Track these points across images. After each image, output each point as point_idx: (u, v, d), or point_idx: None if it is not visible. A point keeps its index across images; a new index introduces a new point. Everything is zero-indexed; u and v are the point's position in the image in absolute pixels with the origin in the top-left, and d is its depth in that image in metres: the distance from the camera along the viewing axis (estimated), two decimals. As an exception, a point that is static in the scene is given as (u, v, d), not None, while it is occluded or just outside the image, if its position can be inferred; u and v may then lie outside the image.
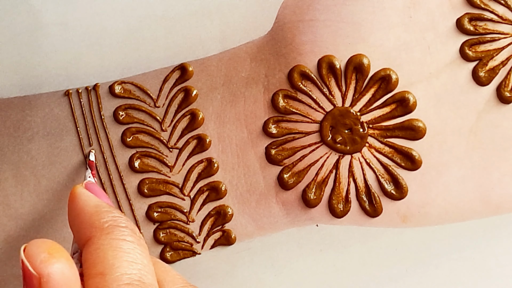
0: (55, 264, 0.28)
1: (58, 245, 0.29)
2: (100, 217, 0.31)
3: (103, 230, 0.30)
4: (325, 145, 0.39)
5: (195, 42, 0.40)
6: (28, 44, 0.39)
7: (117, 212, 0.32)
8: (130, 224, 0.31)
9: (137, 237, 0.31)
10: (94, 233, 0.30)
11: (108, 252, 0.30)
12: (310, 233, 0.42)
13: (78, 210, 0.32)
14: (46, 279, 0.28)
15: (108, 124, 0.39)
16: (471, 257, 0.43)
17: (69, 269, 0.29)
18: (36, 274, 0.28)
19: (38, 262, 0.28)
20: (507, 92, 0.38)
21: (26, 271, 0.28)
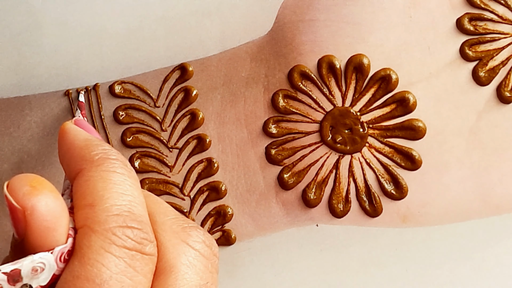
0: (38, 196, 0.28)
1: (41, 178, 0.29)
2: (90, 150, 0.30)
3: (93, 162, 0.30)
4: (325, 145, 0.39)
5: (195, 42, 0.40)
6: (28, 44, 0.39)
7: (107, 145, 0.31)
8: (121, 156, 0.31)
9: (128, 169, 0.30)
10: (84, 165, 0.30)
11: (97, 183, 0.29)
12: (310, 233, 0.42)
13: (68, 145, 0.31)
14: (30, 212, 0.28)
15: (108, 124, 0.39)
16: (471, 257, 0.43)
17: (54, 200, 0.28)
18: (20, 207, 0.28)
19: (21, 196, 0.28)
20: (507, 92, 0.38)
21: (11, 205, 0.28)
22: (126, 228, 0.28)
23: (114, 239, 0.28)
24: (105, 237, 0.28)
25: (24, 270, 0.27)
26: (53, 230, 0.28)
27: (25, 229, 0.28)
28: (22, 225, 0.28)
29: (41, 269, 0.28)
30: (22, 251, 0.29)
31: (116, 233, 0.28)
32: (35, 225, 0.28)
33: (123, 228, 0.28)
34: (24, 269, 0.27)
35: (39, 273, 0.28)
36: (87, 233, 0.28)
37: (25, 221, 0.28)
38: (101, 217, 0.28)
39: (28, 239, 0.28)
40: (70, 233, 0.29)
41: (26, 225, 0.28)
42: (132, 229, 0.28)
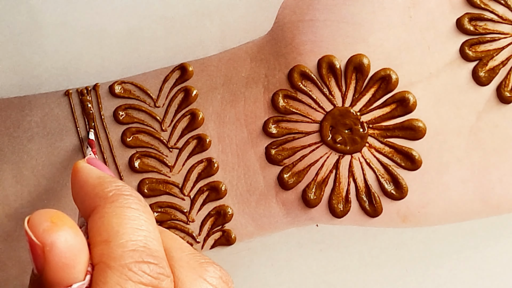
0: (58, 232, 0.28)
1: (61, 213, 0.29)
2: (104, 187, 0.31)
3: (108, 199, 0.30)
4: (325, 145, 0.39)
5: (195, 42, 0.40)
6: (28, 44, 0.39)
7: (120, 182, 0.31)
8: (135, 192, 0.31)
9: (142, 204, 0.30)
10: (98, 202, 0.30)
11: (112, 219, 0.29)
12: (310, 233, 0.42)
13: (81, 183, 0.31)
14: (49, 248, 0.28)
15: (108, 124, 0.39)
16: (471, 257, 0.43)
17: (73, 236, 0.28)
18: (39, 243, 0.28)
19: (41, 231, 0.28)
20: (507, 92, 0.38)
21: (31, 241, 0.28)
22: (142, 263, 0.28)
23: (130, 275, 0.28)
24: (121, 273, 0.28)
25: None
26: (72, 267, 0.28)
27: (43, 265, 0.28)
28: (41, 261, 0.28)
29: None
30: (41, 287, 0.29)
31: (132, 268, 0.28)
32: (53, 262, 0.28)
33: (139, 264, 0.28)
34: None
35: None
36: (103, 270, 0.28)
37: (44, 257, 0.28)
38: (117, 253, 0.28)
39: (47, 276, 0.28)
40: (88, 270, 0.29)
41: (45, 261, 0.28)
42: (149, 264, 0.28)
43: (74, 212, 0.38)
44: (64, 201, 0.38)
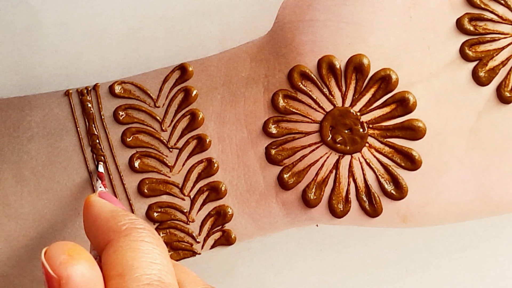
0: (75, 266, 0.28)
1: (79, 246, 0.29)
2: (117, 221, 0.31)
3: (121, 233, 0.30)
4: (325, 145, 0.39)
5: (195, 42, 0.40)
6: (28, 44, 0.39)
7: (133, 215, 0.31)
8: (147, 225, 0.31)
9: (156, 238, 0.31)
10: (112, 236, 0.30)
11: (126, 253, 0.29)
12: (310, 233, 0.42)
13: (94, 217, 0.32)
14: (65, 281, 0.28)
15: (108, 124, 0.39)
16: (471, 257, 0.43)
17: (90, 270, 0.29)
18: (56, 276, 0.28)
19: (58, 264, 0.28)
20: (507, 92, 0.38)
21: (47, 273, 0.28)
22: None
23: None
24: None
25: None
26: None
27: None
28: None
29: None
30: None
31: None
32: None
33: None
34: None
35: None
36: None
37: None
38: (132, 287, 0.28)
39: None
40: None
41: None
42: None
43: (74, 213, 0.38)
44: (64, 201, 0.38)
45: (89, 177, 0.39)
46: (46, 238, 0.38)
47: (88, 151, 0.39)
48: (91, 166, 0.39)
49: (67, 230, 0.38)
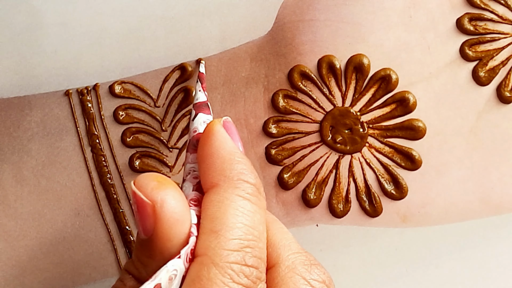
0: (166, 190, 0.29)
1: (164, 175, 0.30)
2: (232, 167, 0.31)
3: (231, 183, 0.30)
4: (325, 145, 0.39)
5: (195, 42, 0.40)
6: (28, 44, 0.39)
7: (248, 164, 0.31)
8: (258, 180, 0.31)
9: (261, 197, 0.31)
10: (222, 182, 0.30)
11: (229, 209, 0.30)
12: (310, 233, 0.42)
13: (212, 150, 0.31)
14: (160, 204, 0.29)
15: (108, 124, 0.39)
16: (471, 257, 0.42)
17: (180, 194, 0.29)
18: (149, 201, 0.29)
19: (150, 190, 0.29)
20: (507, 92, 0.38)
21: (139, 201, 0.29)
22: (245, 266, 0.29)
23: (233, 274, 0.29)
24: (225, 272, 0.28)
25: (163, 282, 0.28)
26: (182, 222, 0.29)
27: (154, 224, 0.29)
28: (151, 220, 0.29)
29: (174, 276, 0.28)
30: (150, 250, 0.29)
31: (235, 269, 0.29)
32: (165, 218, 0.29)
33: (242, 266, 0.29)
34: (163, 281, 0.28)
35: (173, 280, 0.28)
36: (207, 265, 0.29)
37: (155, 215, 0.29)
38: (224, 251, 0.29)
39: (158, 235, 0.29)
40: (192, 231, 0.29)
41: (156, 219, 0.29)
42: (250, 268, 0.29)
43: (74, 213, 0.38)
44: (64, 201, 0.38)
45: (89, 177, 0.39)
46: (46, 238, 0.38)
47: (88, 151, 0.39)
48: (91, 166, 0.39)
49: (67, 230, 0.38)
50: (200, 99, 0.36)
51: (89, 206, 0.39)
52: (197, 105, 0.35)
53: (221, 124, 0.32)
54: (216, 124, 0.32)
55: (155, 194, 0.29)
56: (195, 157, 0.33)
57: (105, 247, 0.39)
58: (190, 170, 0.33)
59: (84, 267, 0.39)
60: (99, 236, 0.39)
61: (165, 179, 0.29)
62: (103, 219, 0.39)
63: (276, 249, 0.31)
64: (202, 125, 0.34)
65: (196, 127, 0.34)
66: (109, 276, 0.39)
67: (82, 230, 0.38)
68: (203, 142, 0.32)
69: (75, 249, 0.38)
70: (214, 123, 0.32)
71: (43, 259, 0.38)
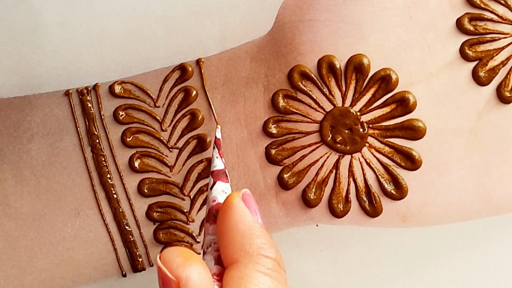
0: (191, 267, 0.29)
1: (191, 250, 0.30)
2: (252, 242, 0.31)
3: (251, 258, 0.31)
4: (325, 145, 0.39)
5: (195, 42, 0.40)
6: (28, 44, 0.39)
7: (268, 238, 0.32)
8: (278, 254, 0.32)
9: (281, 272, 0.31)
10: (242, 258, 0.31)
11: (249, 285, 0.30)
12: (310, 233, 0.42)
13: (231, 224, 0.32)
14: (185, 282, 0.29)
15: (108, 124, 0.39)
16: (471, 257, 0.43)
17: (205, 271, 0.30)
18: (174, 278, 0.29)
19: (175, 266, 0.29)
20: (507, 92, 0.38)
21: (164, 277, 0.29)
22: None
23: None
24: None
25: None
26: None
27: None
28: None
29: None
30: None
31: None
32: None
33: None
34: None
35: None
36: None
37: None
38: None
39: None
40: None
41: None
42: None
43: (74, 213, 0.38)
44: (64, 201, 0.38)
45: (89, 177, 0.39)
46: (46, 238, 0.38)
47: (88, 151, 0.39)
48: (91, 166, 0.39)
49: (67, 230, 0.38)
50: (217, 166, 0.36)
51: (89, 206, 0.39)
52: (215, 173, 0.35)
53: (240, 198, 0.33)
54: (235, 198, 0.32)
55: (181, 271, 0.29)
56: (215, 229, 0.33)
57: (105, 247, 0.39)
58: (211, 242, 0.33)
59: (84, 267, 0.39)
60: (99, 236, 0.39)
61: (192, 255, 0.30)
62: (103, 219, 0.39)
63: None
64: (221, 194, 0.34)
65: (215, 196, 0.34)
66: (109, 276, 0.40)
67: (82, 230, 0.38)
68: (222, 216, 0.32)
69: (75, 249, 0.38)
70: (232, 196, 0.32)
71: (43, 259, 0.38)
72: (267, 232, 0.32)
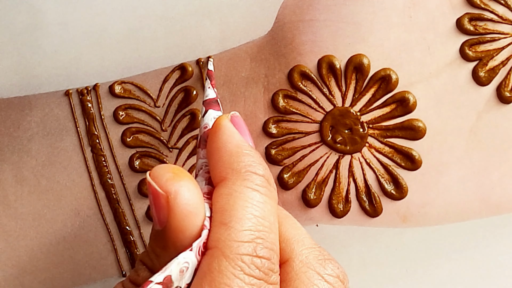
0: (181, 181, 0.29)
1: (180, 167, 0.30)
2: (239, 160, 0.31)
3: (239, 175, 0.30)
4: (325, 145, 0.39)
5: (195, 42, 0.40)
6: (28, 44, 0.39)
7: (256, 156, 0.31)
8: (267, 172, 0.31)
9: (271, 188, 0.31)
10: (230, 175, 0.31)
11: (238, 201, 0.30)
12: (310, 233, 0.41)
13: (219, 144, 0.31)
14: (174, 196, 0.29)
15: (108, 124, 0.39)
16: (471, 257, 0.43)
17: (195, 186, 0.29)
18: (164, 192, 0.29)
19: (164, 181, 0.29)
20: (507, 92, 0.38)
21: (154, 191, 0.29)
22: (256, 257, 0.29)
23: (243, 266, 0.28)
24: (236, 264, 0.28)
25: (174, 274, 0.28)
26: (195, 215, 0.29)
27: (167, 215, 0.29)
28: (165, 211, 0.29)
29: (186, 268, 0.28)
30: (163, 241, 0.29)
31: (246, 261, 0.29)
32: (178, 209, 0.29)
33: (253, 257, 0.29)
34: (174, 273, 0.28)
35: (184, 272, 0.28)
36: (218, 257, 0.28)
37: (169, 206, 0.29)
38: (234, 243, 0.29)
39: (171, 226, 0.29)
40: (205, 224, 0.29)
41: (169, 210, 0.29)
42: (261, 259, 0.29)
43: (74, 213, 0.38)
44: (64, 201, 0.38)
45: (89, 177, 0.39)
46: (46, 238, 0.38)
47: (88, 151, 0.39)
48: (91, 166, 0.39)
49: (67, 230, 0.38)
50: (209, 96, 0.36)
51: (89, 206, 0.39)
52: (207, 102, 0.35)
53: (228, 119, 0.32)
54: (223, 119, 0.32)
55: (170, 185, 0.29)
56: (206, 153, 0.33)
57: (105, 247, 0.39)
58: (202, 165, 0.33)
59: (84, 267, 0.39)
60: (99, 236, 0.39)
61: (181, 171, 0.29)
62: (103, 219, 0.39)
63: (289, 244, 0.31)
64: (212, 120, 0.34)
65: (207, 123, 0.34)
66: (109, 276, 0.39)
67: (82, 230, 0.38)
68: (211, 137, 0.32)
69: (75, 249, 0.38)
70: (221, 118, 0.32)
71: (43, 259, 0.38)
72: (256, 151, 0.32)
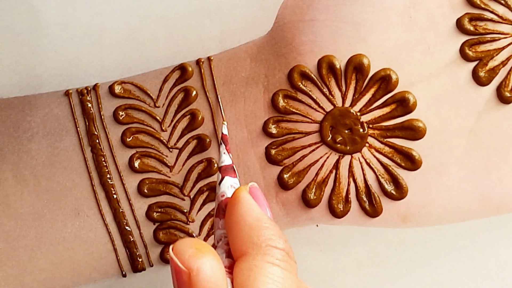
0: (203, 258, 0.29)
1: (204, 242, 0.30)
2: (259, 234, 0.31)
3: (260, 249, 0.31)
4: (325, 145, 0.39)
5: (195, 42, 0.40)
6: (28, 44, 0.39)
7: (276, 229, 0.32)
8: (287, 245, 0.32)
9: (291, 262, 0.31)
10: (250, 249, 0.31)
11: (259, 277, 0.30)
12: (310, 233, 0.42)
13: (239, 218, 0.32)
14: (196, 273, 0.29)
15: (108, 124, 0.39)
16: (471, 257, 0.43)
17: (218, 263, 0.29)
18: (186, 269, 0.29)
19: (187, 257, 0.29)
20: (507, 92, 0.38)
21: (176, 267, 0.29)
22: None
23: None
24: None
25: None
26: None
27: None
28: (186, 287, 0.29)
29: None
30: None
31: None
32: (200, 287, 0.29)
33: None
34: None
35: None
36: None
37: (191, 283, 0.29)
38: None
39: None
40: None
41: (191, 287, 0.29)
42: None
43: (74, 213, 0.38)
44: (64, 201, 0.38)
45: (89, 177, 0.39)
46: (46, 238, 0.38)
47: (88, 151, 0.39)
48: (91, 166, 0.39)
49: (67, 230, 0.38)
50: (225, 162, 0.36)
51: (89, 206, 0.39)
52: (223, 169, 0.35)
53: (247, 191, 0.33)
54: (242, 191, 0.33)
55: (192, 262, 0.29)
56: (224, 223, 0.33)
57: (105, 247, 0.39)
58: (221, 236, 0.33)
59: (84, 267, 0.39)
60: (99, 236, 0.39)
61: (204, 246, 0.30)
62: (103, 219, 0.39)
63: None
64: (230, 189, 0.34)
65: (224, 191, 0.34)
66: (109, 276, 0.40)
67: (82, 230, 0.38)
68: (230, 209, 0.32)
69: (75, 249, 0.38)
70: (240, 190, 0.33)
71: (43, 259, 0.38)
72: (275, 224, 0.32)
